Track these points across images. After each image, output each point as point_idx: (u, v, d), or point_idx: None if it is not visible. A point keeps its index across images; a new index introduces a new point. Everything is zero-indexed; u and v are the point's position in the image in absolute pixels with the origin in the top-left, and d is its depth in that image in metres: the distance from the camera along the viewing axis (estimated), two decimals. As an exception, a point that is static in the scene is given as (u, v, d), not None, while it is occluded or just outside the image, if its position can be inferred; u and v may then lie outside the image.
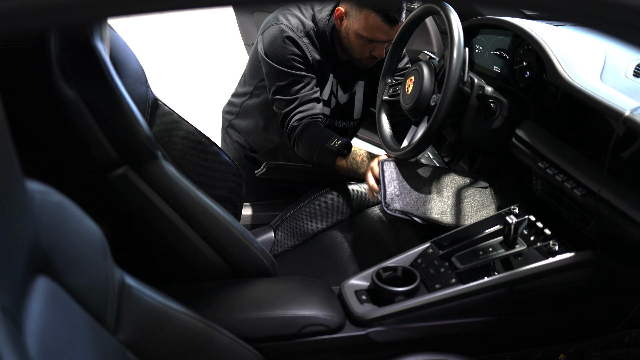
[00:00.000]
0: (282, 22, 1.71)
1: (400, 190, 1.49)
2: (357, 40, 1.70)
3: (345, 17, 1.70)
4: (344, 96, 1.90)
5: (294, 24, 1.72)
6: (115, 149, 1.08)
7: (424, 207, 1.47)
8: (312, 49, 1.75)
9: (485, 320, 1.23)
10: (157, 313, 0.90)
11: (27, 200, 0.67)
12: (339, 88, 1.88)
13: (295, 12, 1.76)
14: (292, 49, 1.70)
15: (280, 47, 1.70)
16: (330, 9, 1.73)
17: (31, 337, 0.60)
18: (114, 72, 1.05)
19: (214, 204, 1.18)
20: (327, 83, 1.84)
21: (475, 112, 1.46)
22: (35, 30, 0.77)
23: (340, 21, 1.71)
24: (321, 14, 1.74)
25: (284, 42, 1.69)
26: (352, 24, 1.68)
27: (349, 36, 1.71)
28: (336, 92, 1.89)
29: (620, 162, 1.12)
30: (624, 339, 1.26)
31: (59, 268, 0.72)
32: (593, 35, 1.36)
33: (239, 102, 1.98)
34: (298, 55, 1.70)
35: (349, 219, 1.71)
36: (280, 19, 1.73)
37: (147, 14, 0.57)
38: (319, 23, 1.74)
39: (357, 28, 1.67)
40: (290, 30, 1.70)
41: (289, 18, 1.73)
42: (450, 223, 1.45)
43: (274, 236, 1.68)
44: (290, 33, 1.70)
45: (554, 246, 1.22)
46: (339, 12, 1.70)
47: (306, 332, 1.14)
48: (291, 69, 1.70)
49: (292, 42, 1.70)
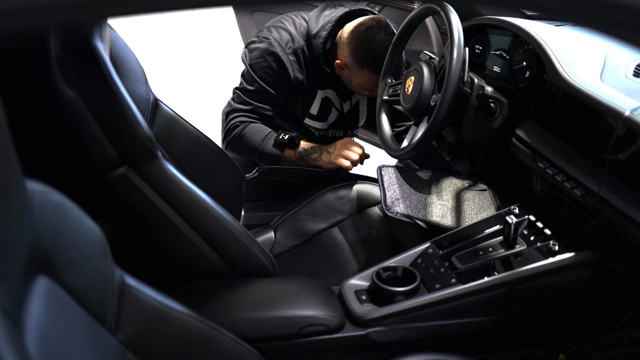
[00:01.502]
0: (272, 36, 1.74)
1: (401, 193, 1.49)
2: (360, 88, 1.80)
3: (346, 68, 1.76)
4: (346, 104, 1.93)
5: (284, 39, 1.75)
6: (115, 149, 1.08)
7: (425, 210, 1.47)
8: (297, 67, 1.77)
9: (485, 320, 1.23)
10: (157, 313, 0.90)
11: (27, 200, 0.67)
12: (338, 99, 1.91)
13: (288, 27, 1.77)
14: (272, 65, 1.73)
15: (262, 59, 1.73)
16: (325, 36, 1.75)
17: (31, 337, 0.60)
18: (114, 72, 1.04)
19: (214, 204, 1.18)
20: (314, 99, 1.87)
21: (475, 112, 1.46)
22: (35, 30, 0.78)
23: (342, 70, 1.78)
24: (315, 39, 1.76)
25: (267, 55, 1.73)
26: (353, 77, 1.77)
27: (352, 83, 1.80)
28: (338, 104, 1.92)
29: (620, 162, 1.12)
30: (624, 339, 1.26)
31: (59, 268, 0.72)
32: (593, 35, 1.36)
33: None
34: (275, 72, 1.74)
35: (349, 219, 1.71)
36: (272, 31, 1.76)
37: (147, 14, 0.57)
38: (313, 47, 1.76)
39: (360, 82, 1.77)
40: (278, 46, 1.73)
41: (280, 32, 1.76)
42: (451, 226, 1.45)
43: (274, 236, 1.68)
44: (276, 49, 1.72)
45: (554, 246, 1.22)
46: (339, 63, 1.76)
47: (306, 332, 1.14)
48: (262, 81, 1.74)
49: (274, 57, 1.73)
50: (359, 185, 1.75)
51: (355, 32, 1.71)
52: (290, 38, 1.75)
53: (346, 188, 1.75)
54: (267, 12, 2.51)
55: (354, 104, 1.96)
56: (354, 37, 1.71)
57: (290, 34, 1.76)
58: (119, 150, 1.08)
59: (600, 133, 1.22)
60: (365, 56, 1.69)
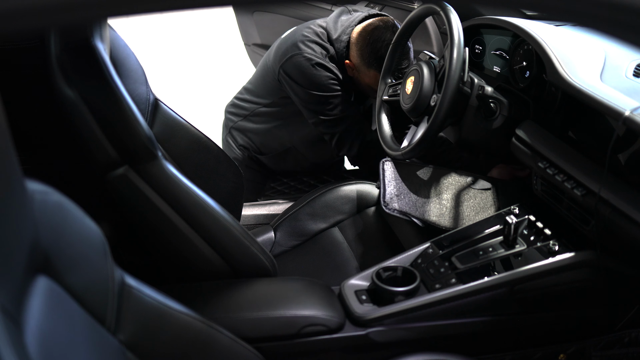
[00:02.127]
0: (306, 51, 1.75)
1: (399, 190, 1.49)
2: (368, 89, 1.82)
3: (355, 69, 1.79)
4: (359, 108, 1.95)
5: (317, 50, 1.76)
6: (115, 149, 1.08)
7: (422, 209, 1.47)
8: (338, 71, 1.80)
9: (485, 320, 1.23)
10: (157, 313, 0.90)
11: (27, 200, 0.67)
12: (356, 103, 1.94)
13: (314, 38, 1.78)
14: (326, 74, 1.75)
15: (312, 74, 1.74)
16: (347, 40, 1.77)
17: (31, 337, 0.60)
18: (114, 72, 1.05)
19: (214, 204, 1.18)
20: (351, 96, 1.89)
21: (475, 112, 1.46)
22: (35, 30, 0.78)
23: (352, 70, 1.80)
24: (338, 44, 1.78)
25: (315, 69, 1.74)
26: (362, 77, 1.79)
27: (361, 84, 1.82)
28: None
29: (620, 162, 1.12)
30: (624, 339, 1.26)
31: (59, 268, 0.72)
32: (593, 35, 1.36)
33: (249, 107, 1.98)
34: (332, 78, 1.76)
35: (349, 219, 1.71)
36: (301, 47, 1.76)
37: (147, 14, 0.57)
38: (337, 50, 1.79)
39: (368, 82, 1.79)
40: (316, 57, 1.75)
41: (310, 46, 1.76)
42: (448, 226, 1.45)
43: (274, 236, 1.68)
44: (317, 60, 1.74)
45: (554, 246, 1.22)
46: (348, 64, 1.78)
47: (306, 332, 1.14)
48: (330, 92, 1.76)
49: (322, 67, 1.75)
50: (359, 185, 1.75)
51: (363, 33, 1.73)
52: (321, 47, 1.78)
53: (346, 188, 1.75)
54: (267, 12, 2.51)
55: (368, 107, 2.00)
56: (361, 37, 1.73)
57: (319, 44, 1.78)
58: (119, 150, 1.08)
59: (600, 133, 1.22)
60: (370, 56, 1.71)
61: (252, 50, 2.74)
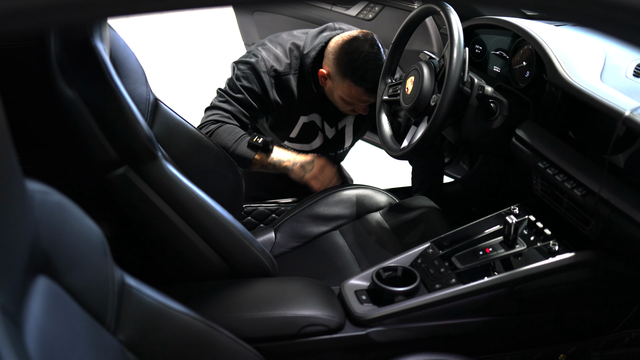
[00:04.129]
0: (261, 54, 1.73)
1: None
2: (340, 101, 1.76)
3: (329, 78, 1.73)
4: (330, 130, 1.91)
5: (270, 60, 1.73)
6: (115, 149, 1.08)
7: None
8: (277, 90, 1.75)
9: (485, 320, 1.23)
10: (157, 313, 0.90)
11: (27, 200, 0.67)
12: (324, 124, 1.89)
13: (277, 49, 1.76)
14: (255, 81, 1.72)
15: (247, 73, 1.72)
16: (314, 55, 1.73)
17: (31, 337, 0.60)
18: (114, 72, 1.04)
19: (214, 204, 1.18)
20: (295, 124, 1.85)
21: (475, 112, 1.46)
22: (35, 30, 0.78)
23: (325, 80, 1.75)
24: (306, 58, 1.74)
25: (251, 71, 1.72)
26: (335, 87, 1.73)
27: (333, 95, 1.76)
28: (322, 127, 1.90)
29: (620, 162, 1.12)
30: (624, 339, 1.26)
31: (59, 268, 0.72)
32: (593, 35, 1.36)
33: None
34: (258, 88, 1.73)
35: (350, 223, 1.71)
36: (261, 50, 1.75)
37: (147, 14, 0.57)
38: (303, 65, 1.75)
39: (341, 93, 1.73)
40: (263, 65, 1.72)
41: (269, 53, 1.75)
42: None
43: (274, 237, 1.68)
44: (259, 68, 1.71)
45: (554, 246, 1.22)
46: (322, 73, 1.73)
47: (306, 332, 1.14)
48: (247, 92, 1.73)
49: (256, 75, 1.72)
50: (359, 190, 1.75)
51: (340, 41, 1.69)
52: (277, 60, 1.74)
53: (347, 192, 1.75)
54: (267, 12, 2.51)
55: (339, 129, 1.94)
56: (338, 46, 1.69)
57: (277, 56, 1.75)
58: (119, 150, 1.08)
59: (600, 133, 1.22)
60: (347, 65, 1.66)
61: (252, 50, 2.74)
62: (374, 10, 2.21)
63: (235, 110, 1.74)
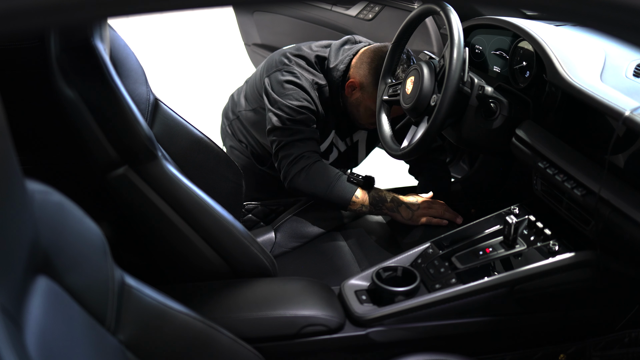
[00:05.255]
0: (297, 70, 1.68)
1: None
2: (367, 113, 1.72)
3: (358, 89, 1.69)
4: (341, 143, 1.89)
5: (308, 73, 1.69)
6: (115, 149, 1.08)
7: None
8: (320, 103, 1.71)
9: (485, 320, 1.23)
10: (157, 313, 0.90)
11: (27, 200, 0.67)
12: (338, 138, 1.87)
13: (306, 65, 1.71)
14: (307, 97, 1.66)
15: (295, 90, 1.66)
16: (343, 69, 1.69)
17: (31, 337, 0.60)
18: (114, 72, 1.05)
19: (214, 204, 1.18)
20: (327, 137, 1.82)
21: (475, 112, 1.46)
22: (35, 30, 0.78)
23: (352, 90, 1.70)
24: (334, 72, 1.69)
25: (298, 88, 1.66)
26: (366, 98, 1.69)
27: (359, 107, 1.72)
28: (336, 142, 1.88)
29: (620, 162, 1.12)
30: (624, 339, 1.26)
31: (59, 268, 0.72)
32: (593, 35, 1.36)
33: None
34: (310, 104, 1.67)
35: (350, 223, 1.71)
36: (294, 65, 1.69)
37: (147, 14, 0.57)
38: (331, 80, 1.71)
39: (372, 105, 1.68)
40: (305, 80, 1.67)
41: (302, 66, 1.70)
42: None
43: (274, 237, 1.68)
44: (304, 83, 1.66)
45: (554, 246, 1.22)
46: (352, 83, 1.68)
47: (306, 332, 1.14)
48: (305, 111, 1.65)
49: (305, 91, 1.66)
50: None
51: (378, 51, 1.67)
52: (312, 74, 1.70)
53: None
54: (267, 12, 2.51)
55: (351, 144, 1.90)
56: (375, 55, 1.66)
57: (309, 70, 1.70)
58: (119, 150, 1.08)
59: (600, 133, 1.22)
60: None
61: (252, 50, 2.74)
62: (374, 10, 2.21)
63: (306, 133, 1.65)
